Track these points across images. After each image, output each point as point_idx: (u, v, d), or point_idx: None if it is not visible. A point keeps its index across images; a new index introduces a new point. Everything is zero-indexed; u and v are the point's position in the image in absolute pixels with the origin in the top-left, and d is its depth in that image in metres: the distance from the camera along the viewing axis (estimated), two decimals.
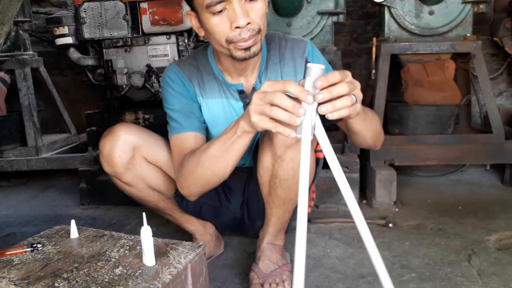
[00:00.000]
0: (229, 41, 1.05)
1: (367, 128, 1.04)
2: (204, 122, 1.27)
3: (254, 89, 1.22)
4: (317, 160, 1.23)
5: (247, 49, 1.06)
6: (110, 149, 1.22)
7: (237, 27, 1.02)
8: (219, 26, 1.03)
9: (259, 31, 1.06)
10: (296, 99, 0.78)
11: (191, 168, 1.09)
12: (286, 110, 0.79)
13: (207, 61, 1.25)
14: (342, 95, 0.78)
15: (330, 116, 0.78)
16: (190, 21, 1.14)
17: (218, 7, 1.00)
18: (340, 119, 0.97)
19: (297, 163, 1.10)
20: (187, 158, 1.12)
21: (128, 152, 1.23)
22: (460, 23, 2.04)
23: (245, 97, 1.23)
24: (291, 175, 1.12)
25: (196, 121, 1.21)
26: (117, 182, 1.30)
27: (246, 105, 1.22)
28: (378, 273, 0.92)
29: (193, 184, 1.12)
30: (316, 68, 0.75)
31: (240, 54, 1.07)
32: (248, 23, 1.02)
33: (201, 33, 1.13)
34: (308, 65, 0.76)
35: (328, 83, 0.76)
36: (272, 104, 0.81)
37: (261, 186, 1.22)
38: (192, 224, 1.45)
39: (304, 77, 0.78)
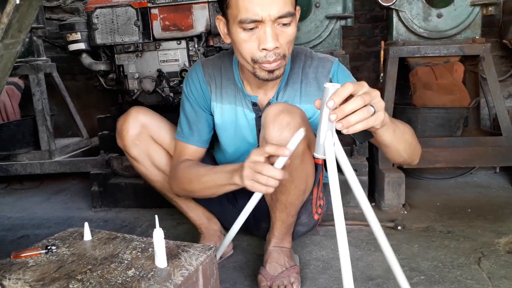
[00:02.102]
0: (254, 60, 1.08)
1: (398, 140, 1.00)
2: (213, 127, 1.34)
3: (269, 103, 1.22)
4: (316, 165, 1.24)
5: (271, 71, 1.09)
6: (122, 124, 1.36)
7: (264, 49, 1.04)
8: (247, 43, 1.05)
9: (284, 56, 1.08)
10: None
11: (183, 181, 1.25)
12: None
13: (230, 66, 1.27)
14: (357, 109, 0.78)
15: (346, 131, 0.79)
16: (218, 26, 1.15)
17: (250, 25, 1.02)
18: (371, 136, 0.98)
19: (294, 168, 1.12)
20: (183, 168, 1.25)
21: (137, 128, 1.34)
22: (469, 26, 2.03)
23: (258, 109, 1.25)
24: (289, 180, 1.13)
25: (198, 136, 1.31)
26: (127, 156, 1.41)
27: (258, 117, 1.24)
28: (395, 273, 0.97)
29: (182, 191, 1.30)
30: (332, 89, 0.78)
31: (263, 75, 1.10)
32: (276, 47, 1.04)
33: (227, 40, 1.15)
34: (325, 85, 0.79)
35: (340, 99, 0.77)
36: (261, 173, 0.96)
37: (270, 207, 1.25)
38: (196, 214, 1.48)
39: (322, 98, 0.81)
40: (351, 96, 0.79)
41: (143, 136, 1.35)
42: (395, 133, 0.97)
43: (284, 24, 1.04)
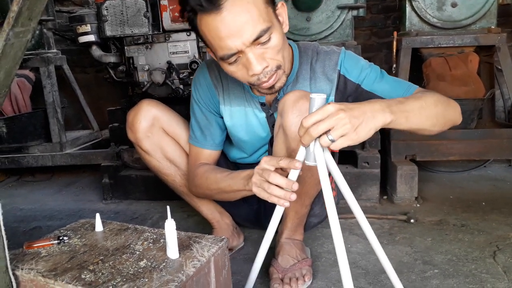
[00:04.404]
0: (251, 84, 1.06)
1: (419, 122, 0.96)
2: (225, 129, 1.33)
3: (276, 100, 1.20)
4: (332, 154, 1.21)
5: (271, 87, 1.06)
6: (133, 116, 1.34)
7: (254, 74, 1.01)
8: (237, 72, 1.04)
9: (279, 67, 1.04)
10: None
11: (202, 187, 1.26)
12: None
13: None
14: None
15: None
16: (212, 56, 1.12)
17: (232, 59, 1.00)
18: None
19: None
20: (200, 174, 1.26)
21: (149, 120, 1.34)
22: (484, 15, 1.99)
23: (267, 109, 1.23)
24: (306, 168, 1.10)
25: (211, 140, 1.31)
26: (138, 150, 1.40)
27: (269, 116, 1.23)
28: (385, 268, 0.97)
29: (201, 195, 1.34)
30: (318, 99, 0.85)
31: (265, 91, 1.09)
32: (265, 67, 1.00)
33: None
34: (311, 95, 0.86)
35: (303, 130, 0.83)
36: (267, 181, 0.95)
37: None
38: (208, 208, 1.47)
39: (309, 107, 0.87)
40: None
41: (156, 128, 1.35)
42: (410, 119, 0.93)
43: (264, 43, 0.99)
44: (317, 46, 1.23)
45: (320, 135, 0.83)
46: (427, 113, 0.97)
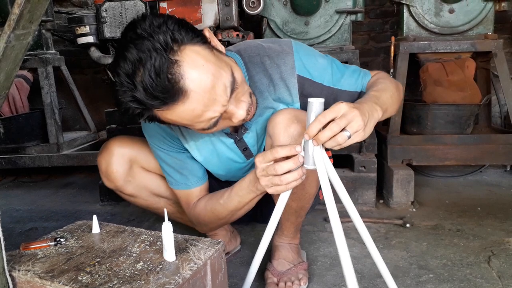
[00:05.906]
0: (234, 128, 1.01)
1: (390, 111, 1.04)
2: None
3: (243, 127, 1.10)
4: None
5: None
6: (107, 165, 1.24)
7: (240, 120, 0.96)
8: (220, 126, 0.95)
9: (250, 95, 0.98)
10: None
11: (211, 221, 1.17)
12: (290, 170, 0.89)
13: None
14: (334, 135, 0.83)
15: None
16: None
17: (217, 122, 0.92)
18: None
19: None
20: (202, 210, 1.17)
21: (125, 165, 1.25)
22: (481, 22, 2.01)
23: (233, 135, 1.13)
24: (300, 187, 1.06)
25: (194, 177, 1.18)
26: (121, 195, 1.32)
27: (237, 141, 1.13)
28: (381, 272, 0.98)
29: (216, 227, 1.25)
30: (316, 103, 0.86)
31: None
32: (246, 108, 0.95)
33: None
34: (309, 100, 0.86)
35: (315, 130, 0.83)
36: (278, 175, 0.90)
37: (273, 197, 1.18)
38: None
39: (307, 111, 0.87)
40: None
41: (135, 170, 1.27)
42: (388, 110, 1.00)
43: (232, 91, 0.90)
44: (262, 47, 1.09)
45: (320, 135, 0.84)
46: (394, 100, 1.05)
